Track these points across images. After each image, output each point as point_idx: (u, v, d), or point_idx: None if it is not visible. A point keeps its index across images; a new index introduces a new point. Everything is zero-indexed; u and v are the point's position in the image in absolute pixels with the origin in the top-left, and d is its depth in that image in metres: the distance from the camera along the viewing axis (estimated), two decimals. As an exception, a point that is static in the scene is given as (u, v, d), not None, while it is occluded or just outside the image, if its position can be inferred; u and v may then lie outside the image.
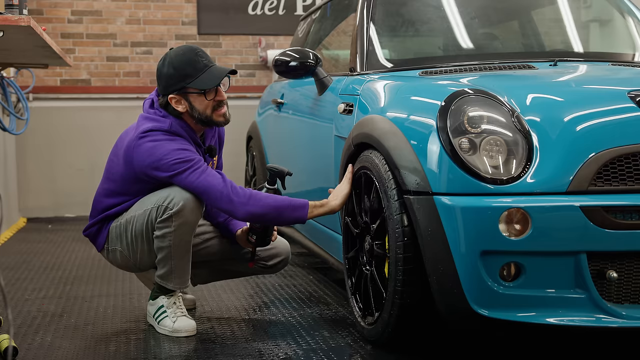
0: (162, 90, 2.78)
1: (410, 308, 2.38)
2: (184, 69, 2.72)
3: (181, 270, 2.78)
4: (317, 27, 4.14)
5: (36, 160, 6.17)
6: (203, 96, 2.74)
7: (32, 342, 2.72)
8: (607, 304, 2.17)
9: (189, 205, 2.68)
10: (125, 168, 2.75)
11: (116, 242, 2.83)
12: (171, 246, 2.72)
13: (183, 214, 2.68)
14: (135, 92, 6.30)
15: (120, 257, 2.85)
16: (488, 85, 2.44)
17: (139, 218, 2.75)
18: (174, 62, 2.73)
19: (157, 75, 2.78)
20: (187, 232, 2.72)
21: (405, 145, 2.37)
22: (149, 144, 2.68)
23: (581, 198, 2.14)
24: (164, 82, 2.75)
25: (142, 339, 2.76)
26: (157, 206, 2.70)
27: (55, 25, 6.23)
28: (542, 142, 2.22)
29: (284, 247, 3.06)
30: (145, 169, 2.70)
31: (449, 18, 3.33)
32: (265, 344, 2.66)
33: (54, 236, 5.21)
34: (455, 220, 2.17)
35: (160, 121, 2.74)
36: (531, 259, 2.16)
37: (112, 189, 2.83)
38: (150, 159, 2.68)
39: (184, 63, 2.72)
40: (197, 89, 2.73)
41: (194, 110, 2.75)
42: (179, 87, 2.73)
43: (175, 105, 2.75)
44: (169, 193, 2.69)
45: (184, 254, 2.76)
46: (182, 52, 2.75)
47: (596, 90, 2.51)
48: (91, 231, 2.90)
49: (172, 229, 2.69)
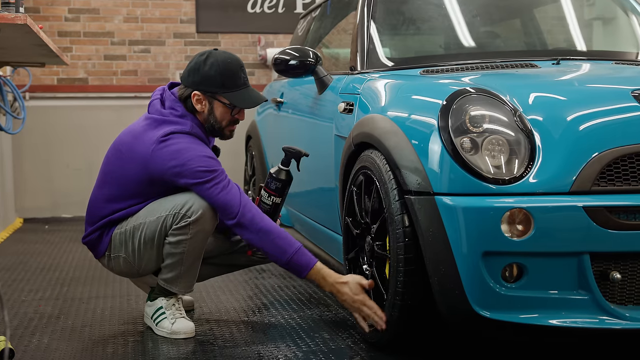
0: (190, 83, 2.76)
1: (411, 309, 2.38)
2: (225, 77, 2.74)
3: (189, 276, 2.79)
4: (317, 26, 4.13)
5: (33, 160, 6.17)
6: (229, 110, 2.78)
7: (28, 344, 2.72)
8: (610, 305, 2.17)
9: (208, 213, 2.68)
10: (139, 171, 2.71)
11: (120, 248, 2.80)
12: (184, 253, 2.71)
13: (201, 222, 2.68)
14: (133, 91, 6.30)
15: (124, 264, 2.83)
16: (490, 84, 2.44)
17: (151, 225, 2.72)
18: (218, 65, 2.74)
19: (194, 68, 2.76)
20: (202, 239, 2.73)
21: (406, 145, 2.37)
22: (173, 147, 2.66)
23: (584, 198, 2.14)
24: (198, 78, 2.74)
25: (140, 341, 2.76)
26: (173, 213, 2.68)
27: (52, 24, 6.23)
28: (545, 142, 2.22)
29: None
30: (165, 172, 2.67)
31: (451, 16, 3.33)
32: (264, 346, 2.66)
33: (51, 237, 5.21)
34: (457, 221, 2.17)
35: (180, 123, 2.73)
36: (534, 259, 2.16)
37: (116, 193, 2.78)
38: (173, 163, 2.65)
39: (228, 72, 2.75)
40: (229, 102, 2.76)
41: (212, 116, 2.78)
42: (212, 90, 2.75)
43: (196, 102, 2.76)
44: (187, 200, 2.68)
45: (194, 261, 2.77)
46: (230, 61, 2.77)
47: (599, 89, 2.50)
48: (91, 238, 2.85)
49: (188, 236, 2.69)
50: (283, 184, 2.88)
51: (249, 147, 4.82)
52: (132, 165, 2.72)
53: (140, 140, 2.72)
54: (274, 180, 2.88)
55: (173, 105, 2.77)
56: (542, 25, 3.56)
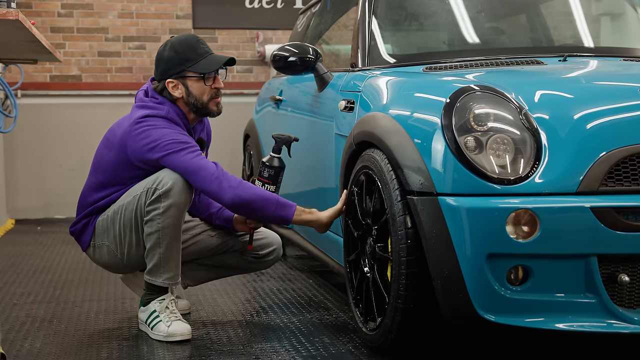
0: (160, 74, 2.87)
1: (413, 313, 2.38)
2: (185, 53, 2.84)
3: (170, 262, 2.79)
4: (317, 21, 4.14)
5: (25, 160, 6.17)
6: (202, 81, 2.85)
7: (20, 349, 2.72)
8: (618, 309, 2.17)
9: (178, 184, 2.73)
10: (118, 155, 2.81)
11: (103, 236, 2.86)
12: (160, 230, 2.73)
13: (172, 193, 2.72)
14: (128, 89, 6.30)
15: (107, 253, 2.87)
16: (495, 81, 2.44)
17: (128, 205, 2.78)
18: (175, 46, 2.85)
19: (157, 59, 2.89)
20: (176, 214, 2.74)
21: (409, 144, 2.37)
22: (144, 128, 2.76)
23: (591, 199, 2.14)
24: (163, 66, 2.86)
25: (135, 345, 2.76)
26: (146, 190, 2.75)
27: (45, 19, 6.23)
28: (551, 141, 2.22)
29: (275, 237, 3.14)
30: (139, 151, 2.76)
31: (455, 11, 3.33)
32: (262, 350, 2.66)
33: (44, 238, 5.21)
34: (461, 222, 2.17)
35: (156, 108, 2.83)
36: (540, 262, 2.16)
37: (101, 180, 2.87)
38: (145, 141, 2.74)
39: (186, 47, 2.85)
40: (197, 72, 2.84)
41: (191, 95, 2.85)
42: (178, 70, 2.84)
43: (172, 90, 2.85)
44: (159, 175, 2.75)
45: (172, 243, 2.77)
46: (184, 38, 2.89)
47: (607, 87, 2.50)
48: (77, 228, 2.94)
49: (160, 210, 2.72)
50: (276, 170, 2.93)
51: (247, 147, 4.82)
52: (114, 150, 2.83)
53: (121, 125, 2.86)
54: (267, 168, 2.93)
55: (153, 95, 2.88)
56: (549, 20, 3.57)
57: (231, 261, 3.10)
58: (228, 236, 3.06)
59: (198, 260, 3.07)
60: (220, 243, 3.06)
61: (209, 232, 3.04)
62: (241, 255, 3.08)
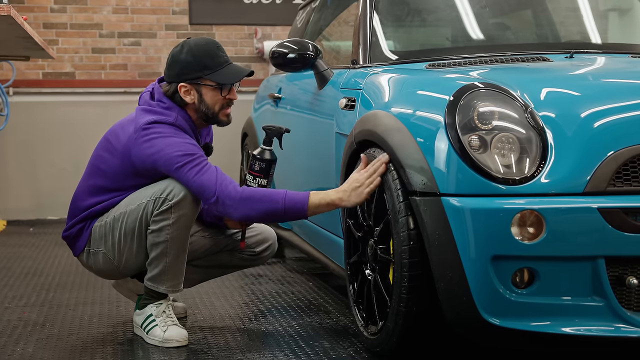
0: (173, 77, 2.82)
1: (416, 316, 2.38)
2: (204, 59, 2.80)
3: (175, 271, 2.79)
4: (317, 17, 4.14)
5: (17, 159, 6.17)
6: (217, 91, 2.82)
7: (12, 354, 2.72)
8: (626, 312, 2.17)
9: (189, 197, 2.72)
10: (122, 162, 2.78)
11: (100, 242, 2.84)
12: (168, 241, 2.73)
13: (183, 205, 2.71)
14: (123, 86, 6.30)
15: (103, 260, 2.85)
16: (499, 78, 2.44)
17: (132, 213, 2.76)
18: (194, 50, 2.80)
19: (172, 60, 2.83)
20: (185, 225, 2.75)
21: (411, 143, 2.37)
22: (152, 135, 2.73)
23: (599, 199, 2.14)
24: (178, 69, 2.81)
25: (130, 349, 2.76)
26: (154, 198, 2.73)
27: (37, 15, 6.23)
28: (557, 140, 2.22)
29: (270, 232, 3.13)
30: (145, 161, 2.73)
31: (458, 7, 3.33)
32: (261, 355, 2.66)
33: (36, 240, 5.21)
34: (465, 223, 2.17)
35: (164, 114, 2.79)
36: (545, 264, 2.16)
37: (101, 185, 2.84)
38: (150, 150, 2.71)
39: (205, 53, 2.81)
40: (215, 82, 2.80)
41: (203, 103, 2.83)
42: (195, 76, 2.80)
43: (184, 95, 2.81)
44: (167, 185, 2.73)
45: (179, 253, 2.78)
46: (204, 43, 2.84)
47: (615, 84, 2.51)
48: (71, 233, 2.91)
49: (170, 221, 2.72)
50: (267, 163, 2.93)
51: (245, 146, 4.83)
52: (117, 155, 2.80)
53: (125, 129, 2.81)
54: (258, 161, 2.93)
55: (161, 98, 2.84)
56: (555, 16, 3.57)
57: (225, 260, 3.10)
58: (221, 235, 3.06)
59: (192, 261, 3.07)
60: (214, 243, 3.05)
61: (201, 232, 3.03)
62: (235, 253, 3.08)
